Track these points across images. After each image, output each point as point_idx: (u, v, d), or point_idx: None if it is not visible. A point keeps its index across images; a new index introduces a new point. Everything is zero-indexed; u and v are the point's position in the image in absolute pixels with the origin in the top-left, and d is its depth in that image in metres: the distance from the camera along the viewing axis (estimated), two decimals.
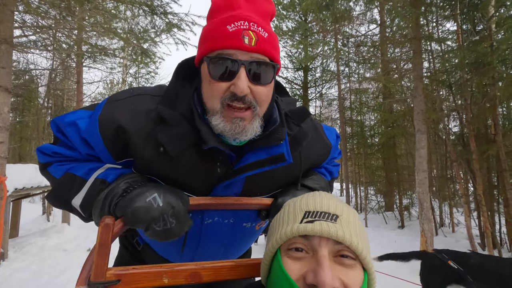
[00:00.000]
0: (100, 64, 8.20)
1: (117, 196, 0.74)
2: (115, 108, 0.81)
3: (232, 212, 0.90)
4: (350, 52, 9.10)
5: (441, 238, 7.47)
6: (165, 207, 0.72)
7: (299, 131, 0.88)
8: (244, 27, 0.71)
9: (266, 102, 0.79)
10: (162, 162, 0.79)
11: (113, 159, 0.83)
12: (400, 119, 9.41)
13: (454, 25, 7.07)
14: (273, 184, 0.92)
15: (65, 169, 0.83)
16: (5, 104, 2.53)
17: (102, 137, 0.79)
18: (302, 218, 0.61)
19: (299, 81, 14.07)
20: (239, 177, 0.81)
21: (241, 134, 0.75)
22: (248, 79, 0.72)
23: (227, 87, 0.72)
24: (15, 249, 5.81)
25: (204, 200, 0.85)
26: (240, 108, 0.73)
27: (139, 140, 0.79)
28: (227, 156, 0.81)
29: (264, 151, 0.82)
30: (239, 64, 0.70)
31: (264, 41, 0.73)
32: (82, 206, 0.80)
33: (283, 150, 0.82)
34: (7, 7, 2.45)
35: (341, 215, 0.61)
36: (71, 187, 0.81)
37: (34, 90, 13.43)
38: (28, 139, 14.49)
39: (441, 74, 6.50)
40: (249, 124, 0.75)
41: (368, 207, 11.09)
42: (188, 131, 0.77)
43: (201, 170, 0.82)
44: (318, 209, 0.62)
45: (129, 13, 5.18)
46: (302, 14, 12.71)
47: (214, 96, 0.74)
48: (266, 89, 0.76)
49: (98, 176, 0.79)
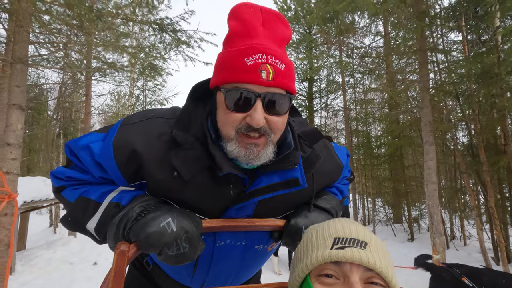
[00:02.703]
0: (108, 77, 8.38)
1: (131, 220, 0.74)
2: (129, 132, 0.82)
3: (244, 234, 0.90)
4: (355, 63, 9.15)
5: (453, 252, 7.28)
6: (179, 232, 0.72)
7: (312, 153, 0.88)
8: (262, 60, 0.71)
9: (281, 130, 0.80)
10: (175, 185, 0.79)
11: (126, 182, 0.83)
12: (406, 129, 9.34)
13: (459, 36, 7.08)
14: (286, 206, 0.92)
15: (79, 193, 0.84)
16: (19, 121, 2.59)
17: (116, 161, 0.79)
18: (332, 244, 0.61)
19: (304, 92, 14.12)
20: (252, 200, 0.81)
21: (255, 159, 0.76)
22: (264, 111, 0.73)
23: (243, 118, 0.74)
24: (22, 262, 5.81)
25: (217, 223, 0.85)
26: (255, 137, 0.75)
27: (152, 164, 0.79)
28: (241, 179, 0.82)
29: (277, 175, 0.82)
30: (256, 96, 0.71)
31: (281, 74, 0.73)
32: (96, 229, 0.81)
33: (297, 175, 0.83)
34: (23, 28, 2.54)
35: (370, 242, 0.61)
36: (85, 211, 0.82)
37: (44, 103, 13.71)
38: (36, 151, 14.71)
39: (448, 85, 6.47)
40: (262, 150, 0.76)
41: (376, 219, 10.90)
42: (201, 155, 0.78)
43: (214, 193, 0.82)
44: (347, 235, 0.62)
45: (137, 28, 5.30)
46: (307, 26, 12.88)
47: (230, 124, 0.75)
48: (281, 119, 0.77)
49: (112, 200, 0.80)
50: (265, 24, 0.77)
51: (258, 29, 0.76)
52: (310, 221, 0.88)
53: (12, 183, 2.52)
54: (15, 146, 2.57)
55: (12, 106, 2.54)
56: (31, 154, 14.45)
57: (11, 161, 2.55)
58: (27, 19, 2.50)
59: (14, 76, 2.53)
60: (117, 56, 5.37)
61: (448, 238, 7.96)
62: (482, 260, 5.97)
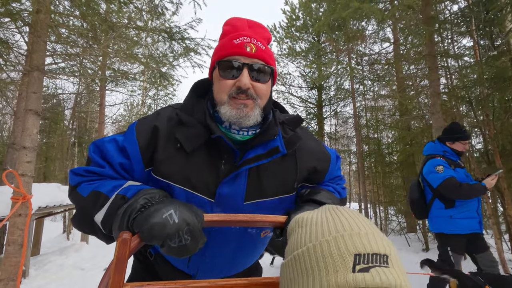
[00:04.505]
0: (121, 87, 8.64)
1: (135, 211, 0.77)
2: (146, 119, 0.99)
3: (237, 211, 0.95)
4: (364, 70, 9.12)
5: (470, 262, 6.98)
6: (181, 224, 0.74)
7: (294, 135, 1.01)
8: (246, 41, 0.91)
9: (265, 96, 0.95)
10: (178, 158, 0.93)
11: (143, 167, 0.94)
12: (418, 136, 9.15)
13: (471, 41, 6.98)
14: (275, 181, 0.99)
15: (92, 187, 0.89)
16: (35, 126, 2.71)
17: (138, 142, 0.93)
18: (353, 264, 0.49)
19: (314, 100, 14.11)
20: (241, 169, 0.92)
21: (245, 118, 0.90)
22: (249, 77, 0.90)
23: (233, 84, 0.90)
24: (36, 267, 5.93)
25: (218, 217, 0.86)
26: (244, 98, 0.90)
27: (163, 139, 0.94)
28: (231, 153, 0.94)
29: (262, 147, 0.95)
30: (243, 65, 0.90)
31: (262, 51, 0.92)
32: (103, 222, 0.84)
33: (277, 144, 0.96)
34: (41, 39, 2.69)
35: (390, 253, 0.53)
36: (95, 204, 0.86)
37: (61, 113, 14.21)
38: (53, 159, 15.15)
39: (460, 90, 6.35)
40: (251, 111, 0.90)
41: (388, 228, 10.61)
42: (201, 133, 0.93)
43: (209, 166, 0.94)
44: (369, 250, 0.51)
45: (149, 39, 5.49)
46: (315, 35, 12.97)
47: (223, 91, 0.91)
48: (264, 86, 0.93)
49: (119, 192, 0.84)
50: (250, 27, 1.00)
51: (245, 28, 0.99)
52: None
53: (27, 185, 2.62)
54: (30, 149, 2.69)
55: (28, 111, 2.67)
56: (47, 162, 14.88)
57: (26, 163, 2.67)
58: (44, 30, 2.65)
59: (31, 83, 2.67)
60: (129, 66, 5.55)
61: None
62: (501, 272, 5.70)
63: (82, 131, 15.07)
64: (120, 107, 17.54)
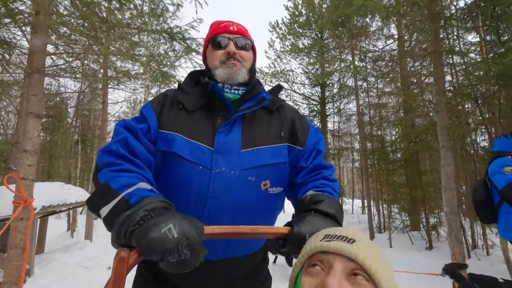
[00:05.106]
0: (123, 85, 8.63)
1: (133, 224, 0.76)
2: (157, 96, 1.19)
3: (238, 161, 1.04)
4: (368, 67, 9.02)
5: (474, 262, 6.94)
6: (180, 238, 0.72)
7: (276, 98, 1.23)
8: (229, 24, 1.19)
9: (249, 60, 1.19)
10: (180, 115, 1.09)
11: (157, 124, 1.08)
12: (422, 134, 9.06)
13: (477, 37, 6.85)
14: (266, 130, 1.13)
15: (108, 177, 0.92)
16: (36, 129, 2.70)
17: (154, 109, 1.10)
18: (322, 238, 0.67)
19: (317, 97, 14.02)
20: (234, 116, 1.06)
21: (235, 74, 1.11)
22: (235, 47, 1.14)
23: (223, 53, 1.14)
24: (41, 265, 5.98)
25: (219, 229, 0.84)
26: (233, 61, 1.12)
27: (168, 102, 1.13)
28: (226, 109, 1.11)
29: (251, 100, 1.13)
30: (229, 38, 1.15)
31: (242, 29, 1.20)
32: (105, 219, 0.85)
33: (263, 94, 1.15)
34: (41, 40, 2.67)
35: (359, 240, 0.65)
36: (103, 196, 0.87)
37: (64, 111, 14.27)
38: (56, 157, 15.25)
39: (465, 88, 6.24)
40: (239, 69, 1.13)
41: (392, 226, 10.56)
42: (199, 98, 1.12)
43: (207, 121, 1.09)
44: (338, 233, 0.68)
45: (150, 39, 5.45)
46: (318, 31, 12.84)
47: (216, 59, 1.15)
48: (248, 53, 1.19)
49: (125, 196, 0.85)
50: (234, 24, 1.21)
51: (229, 23, 1.21)
52: (314, 228, 0.87)
53: (28, 188, 2.61)
54: (31, 152, 2.68)
55: (29, 114, 2.65)
56: (51, 160, 14.98)
57: (27, 167, 2.66)
58: (44, 31, 2.63)
59: (31, 86, 2.64)
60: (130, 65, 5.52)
61: (469, 247, 7.59)
62: (506, 271, 5.65)
63: (85, 129, 15.15)
64: (122, 105, 17.58)
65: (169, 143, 1.04)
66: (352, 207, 17.96)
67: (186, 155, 1.02)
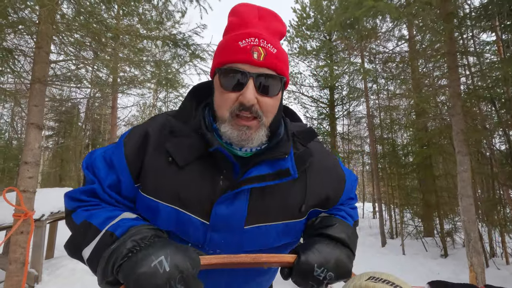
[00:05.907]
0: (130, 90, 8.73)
1: (121, 257, 0.67)
2: (137, 128, 0.89)
3: (238, 236, 0.83)
4: (378, 69, 8.80)
5: (493, 271, 6.62)
6: (172, 272, 0.64)
7: (305, 151, 0.89)
8: (254, 43, 0.76)
9: (272, 113, 0.82)
10: (168, 171, 0.81)
11: (131, 178, 0.84)
12: (436, 137, 8.76)
13: (492, 36, 6.58)
14: (281, 205, 0.86)
15: (85, 216, 0.80)
16: (37, 140, 2.67)
17: (127, 160, 0.82)
18: (367, 278, 0.65)
19: (325, 100, 13.85)
20: (241, 188, 0.79)
21: (247, 141, 0.78)
22: (255, 91, 0.76)
23: (236, 98, 0.77)
24: (49, 271, 6.01)
25: (216, 260, 0.76)
26: (247, 117, 0.77)
27: (151, 148, 0.83)
28: (231, 167, 0.82)
29: (268, 165, 0.82)
30: (248, 76, 0.75)
31: (272, 56, 0.77)
32: (89, 261, 0.75)
33: (288, 165, 0.83)
34: (42, 49, 2.65)
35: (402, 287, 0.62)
36: (85, 236, 0.77)
37: (76, 116, 14.55)
38: (67, 161, 15.57)
39: (483, 90, 5.99)
40: (255, 133, 0.78)
41: (404, 231, 10.26)
42: (196, 143, 0.81)
43: (204, 181, 0.81)
44: (384, 277, 0.64)
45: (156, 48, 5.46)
46: (326, 33, 12.69)
47: (224, 106, 0.78)
48: (272, 101, 0.80)
49: (109, 228, 0.75)
50: (261, 18, 0.83)
51: (254, 20, 0.82)
52: (323, 257, 0.79)
53: (29, 201, 2.58)
54: (32, 164, 2.64)
55: (30, 125, 2.62)
56: (62, 164, 15.30)
57: (28, 179, 2.62)
58: (45, 41, 2.60)
59: (32, 96, 2.62)
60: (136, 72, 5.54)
61: (487, 255, 7.26)
62: None
63: (95, 133, 15.39)
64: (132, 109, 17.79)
65: (152, 212, 0.83)
66: (363, 211, 17.63)
67: (173, 229, 0.82)
